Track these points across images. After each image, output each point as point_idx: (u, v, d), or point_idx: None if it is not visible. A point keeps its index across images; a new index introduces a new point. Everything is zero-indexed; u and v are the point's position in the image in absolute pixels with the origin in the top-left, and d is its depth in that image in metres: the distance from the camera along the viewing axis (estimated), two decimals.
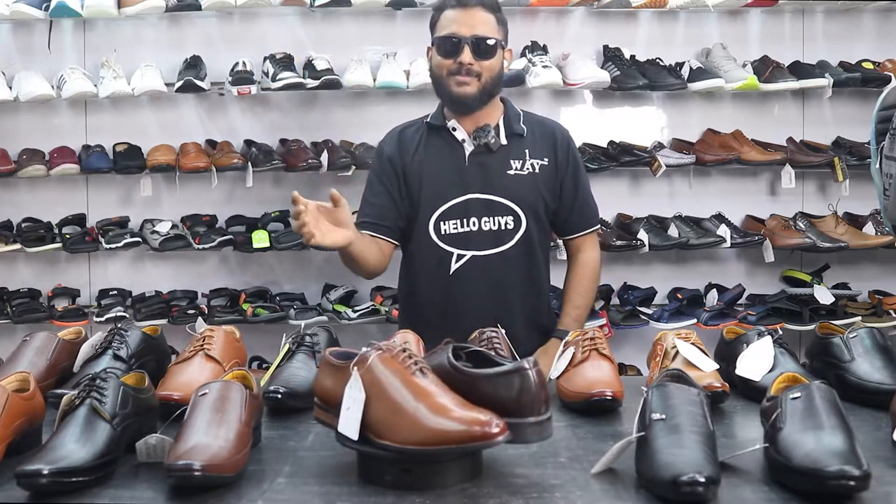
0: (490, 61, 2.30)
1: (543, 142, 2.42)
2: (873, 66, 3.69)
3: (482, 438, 1.21)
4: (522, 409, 1.29)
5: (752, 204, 3.83)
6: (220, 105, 3.71)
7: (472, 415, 1.23)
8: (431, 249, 2.36)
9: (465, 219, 2.35)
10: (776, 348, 1.78)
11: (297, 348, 1.82)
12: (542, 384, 1.32)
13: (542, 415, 1.31)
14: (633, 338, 3.60)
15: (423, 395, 1.27)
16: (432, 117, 2.44)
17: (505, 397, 1.30)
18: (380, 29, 3.69)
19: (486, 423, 1.21)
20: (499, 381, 1.31)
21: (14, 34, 3.64)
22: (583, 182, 2.48)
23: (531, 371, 1.30)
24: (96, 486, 1.30)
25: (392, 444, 1.26)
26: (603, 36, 3.75)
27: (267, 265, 3.74)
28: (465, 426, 1.22)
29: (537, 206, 2.38)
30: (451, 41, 2.30)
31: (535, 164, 2.39)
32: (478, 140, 2.35)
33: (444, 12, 2.34)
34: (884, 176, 1.97)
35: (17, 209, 3.62)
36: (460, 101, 2.33)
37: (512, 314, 2.33)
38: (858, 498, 1.22)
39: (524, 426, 1.29)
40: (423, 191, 2.37)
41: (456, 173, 2.36)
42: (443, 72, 2.33)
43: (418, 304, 2.45)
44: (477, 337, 1.88)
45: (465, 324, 1.96)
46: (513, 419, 1.27)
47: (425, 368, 1.34)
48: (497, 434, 1.21)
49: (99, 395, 1.39)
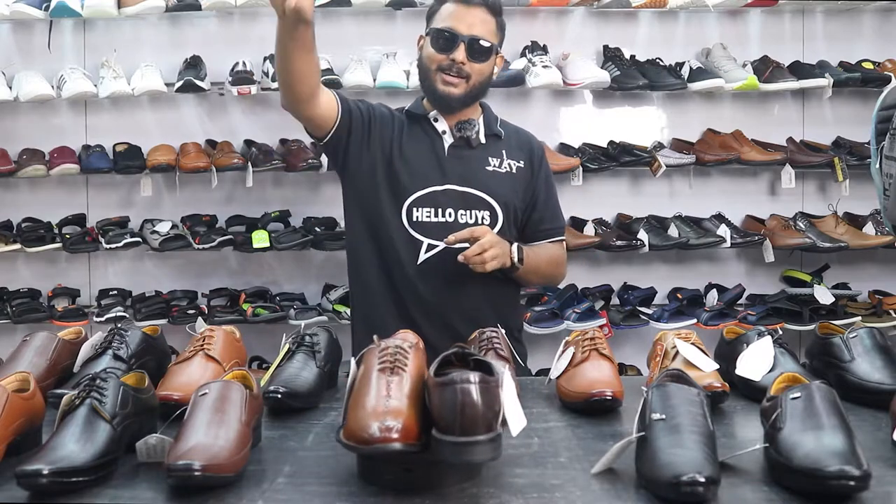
0: (482, 65, 2.28)
1: (520, 147, 2.42)
2: (873, 66, 3.69)
3: (379, 441, 1.21)
4: (451, 424, 1.19)
5: (752, 204, 3.83)
6: (220, 105, 3.71)
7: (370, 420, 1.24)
8: (399, 236, 2.28)
9: (441, 209, 2.29)
10: (776, 348, 1.78)
11: (297, 348, 1.82)
12: (490, 400, 1.20)
13: (480, 434, 1.19)
14: (633, 338, 3.60)
15: (368, 391, 1.30)
16: (412, 107, 2.40)
17: (447, 409, 1.20)
18: (380, 29, 3.69)
19: (361, 429, 1.23)
20: (445, 391, 1.20)
21: (14, 34, 3.64)
22: (553, 193, 2.46)
23: (473, 386, 1.19)
24: (96, 486, 1.30)
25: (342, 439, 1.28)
26: (603, 36, 3.75)
27: (267, 265, 3.74)
28: (367, 433, 1.23)
29: (512, 205, 2.35)
30: (447, 36, 2.26)
31: (512, 165, 2.37)
32: (462, 132, 2.32)
33: (445, 4, 2.30)
34: (884, 176, 1.97)
35: (17, 209, 3.61)
36: (443, 100, 2.29)
37: (480, 312, 2.25)
38: (858, 498, 1.22)
39: (450, 443, 1.19)
40: (399, 174, 2.30)
41: (435, 162, 2.32)
42: (433, 65, 2.29)
43: (375, 298, 2.33)
44: (477, 337, 1.88)
45: (430, 320, 1.94)
46: (445, 436, 1.19)
47: (399, 368, 1.33)
48: (375, 440, 1.21)
49: (99, 395, 1.39)
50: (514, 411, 1.27)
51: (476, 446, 1.19)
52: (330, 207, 3.63)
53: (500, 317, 2.24)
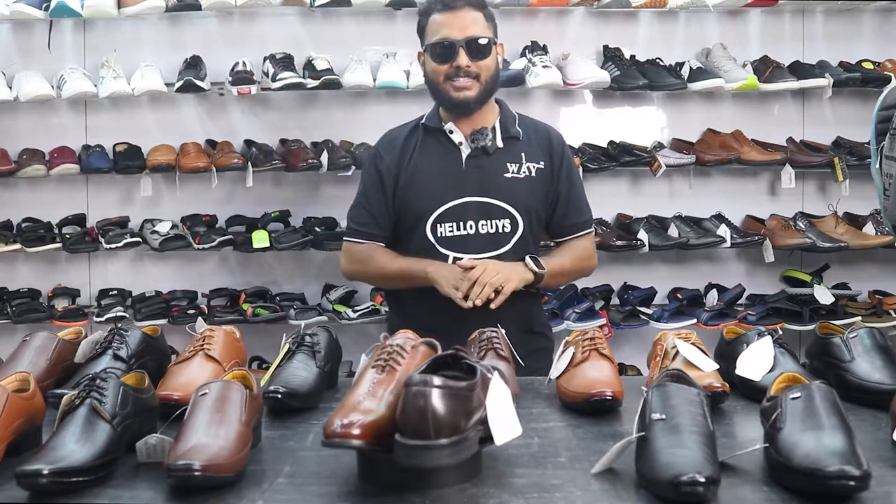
0: (486, 61, 2.29)
1: (539, 145, 2.41)
2: (873, 66, 3.69)
3: (338, 437, 1.25)
4: (406, 426, 1.19)
5: (752, 204, 3.83)
6: (220, 105, 3.71)
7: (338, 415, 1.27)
8: (428, 252, 2.33)
9: (462, 222, 2.33)
10: (776, 348, 1.77)
11: (297, 348, 1.82)
12: (454, 406, 1.19)
13: (432, 438, 1.17)
14: (633, 338, 3.60)
15: (357, 387, 1.34)
16: (428, 118, 2.41)
17: (401, 411, 1.20)
18: (380, 29, 3.69)
19: (329, 424, 1.27)
20: (404, 393, 1.20)
21: (14, 34, 3.64)
22: (577, 186, 2.46)
23: (426, 389, 1.17)
24: (96, 486, 1.30)
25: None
26: (603, 36, 3.75)
27: (267, 265, 3.75)
28: (331, 427, 1.26)
29: (533, 210, 2.36)
30: (445, 45, 2.27)
31: (532, 168, 2.37)
32: (476, 143, 2.33)
33: (431, 16, 2.31)
34: (884, 176, 1.97)
35: (17, 209, 3.62)
36: (461, 106, 2.31)
37: (507, 318, 2.23)
38: (858, 498, 1.22)
39: (402, 446, 1.19)
40: (420, 193, 2.35)
41: (453, 176, 2.34)
42: (440, 77, 2.30)
43: (412, 308, 2.39)
44: (477, 337, 1.88)
45: (460, 327, 1.95)
46: (399, 437, 1.19)
47: (390, 367, 1.35)
48: (335, 435, 1.24)
49: (99, 395, 1.39)
50: (502, 419, 1.26)
51: (425, 451, 1.18)
52: (330, 207, 3.63)
53: (525, 317, 2.35)
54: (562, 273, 2.41)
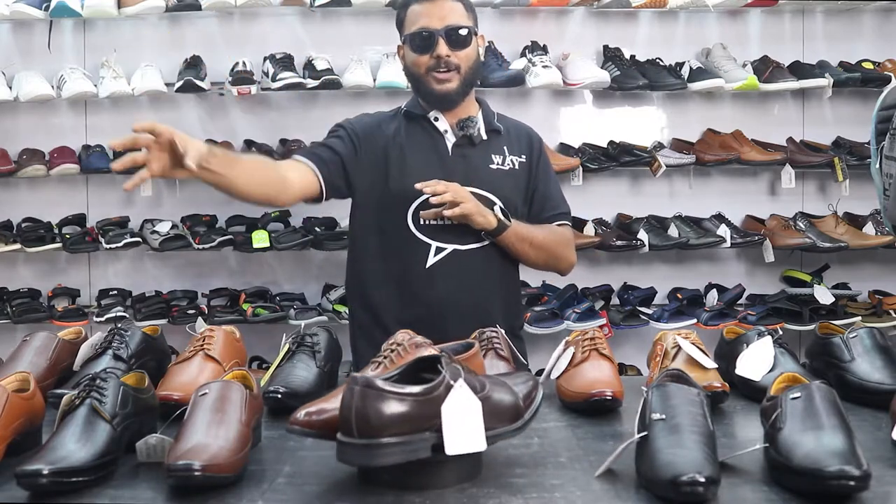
0: (466, 51, 2.27)
1: (519, 141, 2.41)
2: (873, 66, 3.69)
3: (299, 424, 1.34)
4: (341, 422, 1.22)
5: (752, 204, 3.83)
6: (220, 105, 3.71)
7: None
8: (408, 240, 2.26)
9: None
10: (776, 348, 1.78)
11: (297, 348, 1.82)
12: (369, 409, 1.18)
13: (353, 437, 1.19)
14: (633, 338, 3.60)
15: None
16: (409, 106, 2.38)
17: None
18: (380, 29, 3.67)
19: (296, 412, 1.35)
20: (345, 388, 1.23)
21: (14, 34, 3.64)
22: (553, 182, 2.45)
23: (356, 388, 1.19)
24: (96, 486, 1.30)
25: None
26: (603, 36, 3.75)
27: (267, 265, 3.74)
28: (296, 415, 1.35)
29: (515, 203, 2.34)
30: (424, 35, 2.24)
31: (515, 161, 2.36)
32: (464, 130, 2.31)
33: (410, 7, 2.29)
34: (884, 176, 1.97)
35: (17, 209, 3.61)
36: (442, 98, 2.28)
37: (489, 313, 2.22)
38: (858, 498, 1.22)
39: (339, 442, 1.22)
40: (403, 177, 2.28)
41: (439, 164, 2.30)
42: (420, 69, 2.28)
43: (377, 301, 2.31)
44: (476, 337, 1.88)
45: (441, 323, 1.94)
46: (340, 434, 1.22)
47: (385, 367, 1.36)
48: (307, 424, 1.32)
49: (99, 395, 1.39)
50: (458, 430, 1.23)
51: (343, 447, 1.21)
52: (330, 207, 3.58)
53: (505, 315, 2.27)
54: (530, 242, 2.30)
